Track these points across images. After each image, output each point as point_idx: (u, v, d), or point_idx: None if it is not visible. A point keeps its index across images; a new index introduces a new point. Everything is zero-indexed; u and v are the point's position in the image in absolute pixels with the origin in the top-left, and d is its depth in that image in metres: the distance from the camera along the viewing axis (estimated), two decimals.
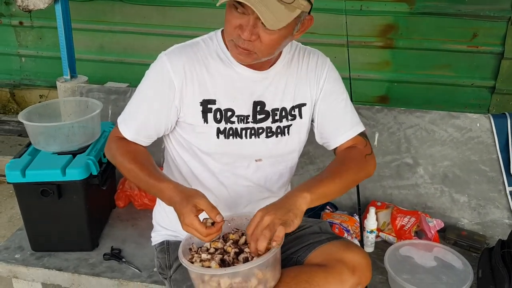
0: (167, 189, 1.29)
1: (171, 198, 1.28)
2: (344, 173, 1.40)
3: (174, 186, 1.29)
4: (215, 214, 1.22)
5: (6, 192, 3.14)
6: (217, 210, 1.23)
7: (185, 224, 1.21)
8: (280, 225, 1.19)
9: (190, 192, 1.27)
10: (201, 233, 1.20)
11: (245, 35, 1.24)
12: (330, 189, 1.34)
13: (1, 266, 1.90)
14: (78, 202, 1.89)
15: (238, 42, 1.28)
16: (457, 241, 2.08)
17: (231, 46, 1.32)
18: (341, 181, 1.37)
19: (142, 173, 1.35)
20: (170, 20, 3.56)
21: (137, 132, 1.44)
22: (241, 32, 1.25)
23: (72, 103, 2.23)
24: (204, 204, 1.22)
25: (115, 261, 1.92)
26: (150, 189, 1.36)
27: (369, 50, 3.42)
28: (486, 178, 2.20)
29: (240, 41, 1.27)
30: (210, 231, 1.21)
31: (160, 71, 1.39)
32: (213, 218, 1.22)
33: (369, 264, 1.41)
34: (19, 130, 3.74)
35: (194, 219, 1.20)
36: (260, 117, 1.44)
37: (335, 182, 1.36)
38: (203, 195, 1.25)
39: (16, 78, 4.06)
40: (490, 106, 3.43)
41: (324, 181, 1.34)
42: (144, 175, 1.35)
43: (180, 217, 1.23)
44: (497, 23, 3.19)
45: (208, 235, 1.21)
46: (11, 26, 3.88)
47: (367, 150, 1.51)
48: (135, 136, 1.44)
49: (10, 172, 1.82)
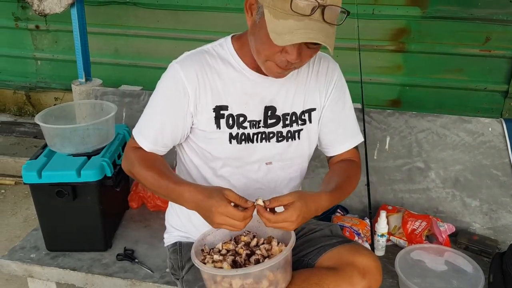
0: (188, 191, 1.31)
1: (193, 199, 1.29)
2: (349, 187, 1.48)
3: (194, 187, 1.31)
4: (245, 201, 1.25)
5: (21, 193, 3.19)
6: (245, 198, 1.25)
7: (219, 212, 1.22)
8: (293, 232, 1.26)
9: (214, 187, 1.30)
10: (238, 218, 1.22)
11: (294, 58, 1.26)
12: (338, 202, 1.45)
13: (17, 265, 1.93)
14: (93, 203, 1.92)
15: (281, 64, 1.29)
16: (469, 245, 2.08)
17: (268, 65, 1.32)
18: (345, 195, 1.46)
19: (161, 179, 1.37)
20: (183, 24, 3.59)
21: (154, 142, 1.44)
22: (287, 56, 1.26)
23: (87, 106, 2.27)
24: (232, 195, 1.24)
25: (128, 261, 1.94)
26: (170, 194, 1.37)
27: (381, 54, 3.41)
28: (498, 182, 2.19)
29: (283, 64, 1.29)
30: (246, 213, 1.23)
31: (173, 79, 1.40)
32: (244, 204, 1.24)
33: (380, 268, 1.41)
34: (35, 132, 3.80)
35: (228, 205, 1.22)
36: (271, 121, 1.46)
37: (343, 195, 1.44)
38: (228, 188, 1.28)
39: (32, 81, 4.12)
40: (503, 110, 3.40)
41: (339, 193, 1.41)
42: (163, 180, 1.36)
43: (212, 209, 1.23)
44: (510, 27, 3.16)
45: (245, 218, 1.23)
46: (28, 29, 3.94)
47: (360, 164, 1.59)
48: (152, 147, 1.45)
49: (26, 173, 1.86)
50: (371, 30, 3.30)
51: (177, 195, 1.33)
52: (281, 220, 1.24)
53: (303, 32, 1.18)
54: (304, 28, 1.18)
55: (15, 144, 3.67)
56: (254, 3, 1.28)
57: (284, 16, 1.19)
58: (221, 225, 1.24)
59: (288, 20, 1.18)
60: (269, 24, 1.21)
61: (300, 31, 1.18)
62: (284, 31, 1.19)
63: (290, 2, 1.16)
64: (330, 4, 1.18)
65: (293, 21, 1.18)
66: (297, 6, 1.16)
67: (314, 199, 1.30)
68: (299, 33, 1.18)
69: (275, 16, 1.20)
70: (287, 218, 1.24)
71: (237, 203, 1.24)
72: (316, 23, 1.18)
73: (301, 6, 1.16)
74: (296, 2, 1.16)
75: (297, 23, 1.18)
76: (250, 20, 1.32)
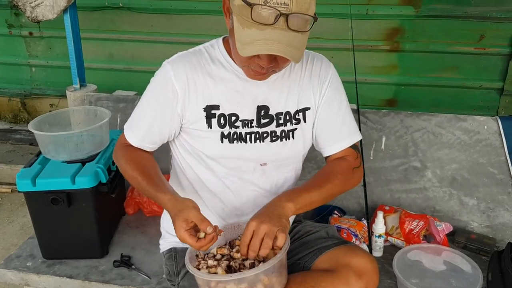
0: (163, 200, 1.33)
1: (168, 209, 1.32)
2: (329, 185, 1.43)
3: (169, 198, 1.32)
4: (205, 226, 1.24)
5: (18, 200, 3.18)
6: (207, 221, 1.25)
7: (178, 236, 1.25)
8: (281, 232, 1.21)
9: (182, 204, 1.29)
10: (193, 246, 1.24)
11: (265, 64, 1.25)
12: (314, 199, 1.39)
13: (13, 274, 1.92)
14: (88, 210, 1.91)
15: (256, 68, 1.30)
16: (467, 244, 2.07)
17: (245, 69, 1.34)
18: (325, 192, 1.42)
19: (143, 182, 1.38)
20: (177, 28, 3.59)
21: (142, 138, 1.47)
22: (259, 61, 1.26)
23: (81, 112, 2.26)
24: (194, 217, 1.25)
25: (125, 268, 1.93)
26: (151, 198, 1.40)
27: (375, 54, 3.41)
28: (495, 180, 2.19)
29: (258, 68, 1.29)
30: (201, 243, 1.23)
31: (163, 78, 1.42)
32: (204, 230, 1.24)
33: (376, 269, 1.41)
34: (30, 139, 3.79)
35: (184, 233, 1.23)
36: (264, 121, 1.46)
37: (320, 193, 1.40)
38: (194, 207, 1.27)
39: (26, 88, 4.11)
40: (499, 108, 3.40)
41: (309, 191, 1.38)
42: (145, 184, 1.38)
43: (174, 228, 1.27)
44: (504, 24, 3.17)
45: (200, 247, 1.24)
46: (21, 36, 3.94)
47: (356, 163, 1.54)
48: (140, 142, 1.48)
49: (20, 181, 1.85)
50: (365, 30, 3.31)
51: (157, 200, 1.36)
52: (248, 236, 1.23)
53: (263, 43, 1.16)
54: (265, 39, 1.16)
55: (10, 151, 3.66)
56: (229, 7, 1.27)
57: (248, 25, 1.17)
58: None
59: (251, 29, 1.17)
60: (236, 33, 1.21)
61: (260, 42, 1.16)
62: (247, 41, 1.18)
63: (251, 12, 1.14)
64: (295, 12, 1.15)
65: (256, 30, 1.16)
66: (259, 15, 1.15)
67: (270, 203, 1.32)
68: (259, 44, 1.16)
69: (241, 24, 1.19)
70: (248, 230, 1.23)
71: (198, 226, 1.24)
72: (280, 32, 1.16)
73: (263, 15, 1.14)
74: (258, 11, 1.14)
75: (259, 33, 1.16)
76: (228, 24, 1.32)
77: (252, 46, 1.17)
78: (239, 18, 1.19)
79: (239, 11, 1.19)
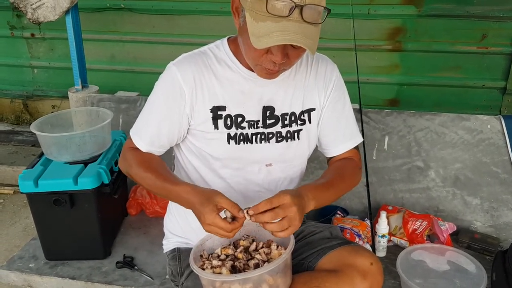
0: (184, 192, 1.30)
1: (189, 200, 1.29)
2: (342, 184, 1.45)
3: (191, 188, 1.30)
4: (237, 210, 1.23)
5: (20, 202, 3.17)
6: (238, 206, 1.24)
7: (207, 223, 1.22)
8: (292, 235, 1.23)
9: (209, 192, 1.28)
10: (226, 229, 1.21)
11: (279, 60, 1.25)
12: (330, 198, 1.40)
13: (16, 275, 1.92)
14: (90, 211, 1.91)
15: (269, 66, 1.29)
16: (470, 244, 2.07)
17: (258, 68, 1.33)
18: (339, 192, 1.44)
19: (158, 180, 1.36)
20: (179, 29, 3.59)
21: (150, 143, 1.45)
22: (272, 57, 1.25)
23: (83, 113, 2.26)
24: (225, 202, 1.23)
25: (128, 269, 1.93)
26: (168, 195, 1.37)
27: (377, 53, 3.40)
28: (498, 180, 2.18)
29: (271, 65, 1.28)
30: (234, 226, 1.22)
31: (170, 80, 1.40)
32: (236, 214, 1.23)
33: (381, 269, 1.40)
34: (33, 140, 3.78)
35: (216, 217, 1.21)
36: (270, 122, 1.45)
37: (335, 192, 1.42)
38: (222, 194, 1.26)
39: (28, 89, 4.11)
40: (501, 107, 3.39)
41: (328, 190, 1.39)
42: (160, 181, 1.36)
43: (201, 217, 1.24)
44: (506, 23, 3.15)
45: (233, 229, 1.22)
46: (23, 38, 3.93)
47: (360, 163, 1.57)
48: (149, 147, 1.45)
49: (23, 182, 1.85)
50: (367, 30, 3.29)
51: (175, 195, 1.33)
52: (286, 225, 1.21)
53: (280, 34, 1.16)
54: (281, 30, 1.16)
55: (13, 153, 3.66)
56: (239, 6, 1.28)
57: (262, 19, 1.18)
58: (210, 232, 1.24)
59: (266, 22, 1.17)
60: (250, 27, 1.21)
61: (277, 33, 1.16)
62: (262, 34, 1.18)
63: (266, 4, 1.15)
64: (309, 3, 1.16)
65: (271, 23, 1.17)
66: (274, 7, 1.15)
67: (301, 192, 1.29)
68: (276, 35, 1.17)
69: (254, 18, 1.19)
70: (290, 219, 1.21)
71: (229, 210, 1.23)
72: (295, 24, 1.17)
73: (278, 7, 1.15)
74: (272, 4, 1.15)
75: (275, 25, 1.17)
76: (237, 23, 1.32)
77: (268, 38, 1.17)
78: (251, 13, 1.20)
79: (251, 6, 1.19)
